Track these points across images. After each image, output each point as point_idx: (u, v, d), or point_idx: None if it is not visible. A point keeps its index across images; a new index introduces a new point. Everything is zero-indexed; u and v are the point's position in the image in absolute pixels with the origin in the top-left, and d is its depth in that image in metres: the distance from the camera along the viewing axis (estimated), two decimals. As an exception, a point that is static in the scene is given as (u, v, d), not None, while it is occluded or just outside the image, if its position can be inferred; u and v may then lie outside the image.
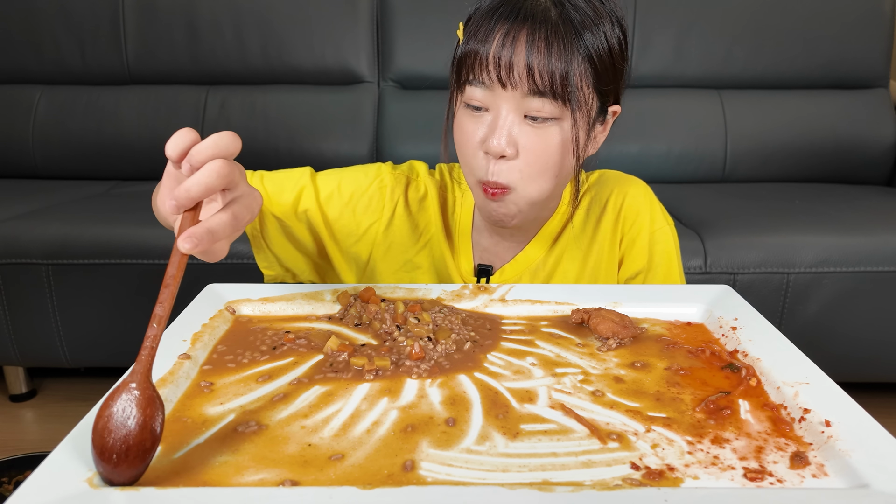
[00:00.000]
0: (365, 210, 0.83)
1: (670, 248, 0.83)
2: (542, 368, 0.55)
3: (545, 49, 0.64)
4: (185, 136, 0.47)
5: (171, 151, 0.46)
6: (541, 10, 0.65)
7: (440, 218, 0.85)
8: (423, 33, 1.90)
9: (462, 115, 0.71)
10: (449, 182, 0.87)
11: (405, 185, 0.85)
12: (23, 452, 1.03)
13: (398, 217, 0.83)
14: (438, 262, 0.84)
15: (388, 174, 0.84)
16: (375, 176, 0.84)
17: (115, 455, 0.39)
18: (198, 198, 0.45)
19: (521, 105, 0.67)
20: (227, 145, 0.46)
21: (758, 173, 1.92)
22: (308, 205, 0.80)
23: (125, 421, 0.40)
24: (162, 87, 1.96)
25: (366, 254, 0.84)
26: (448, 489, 0.39)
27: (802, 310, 1.40)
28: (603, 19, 0.67)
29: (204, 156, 0.46)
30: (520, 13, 0.65)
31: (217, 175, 0.45)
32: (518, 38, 0.65)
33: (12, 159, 1.95)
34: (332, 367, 0.55)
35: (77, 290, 1.43)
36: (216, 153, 0.46)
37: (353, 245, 0.83)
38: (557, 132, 0.68)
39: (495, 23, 0.66)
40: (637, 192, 0.84)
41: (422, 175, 0.86)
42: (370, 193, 0.83)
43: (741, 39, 1.90)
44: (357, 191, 0.82)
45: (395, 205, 0.83)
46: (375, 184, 0.83)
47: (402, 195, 0.84)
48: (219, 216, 0.46)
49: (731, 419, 0.48)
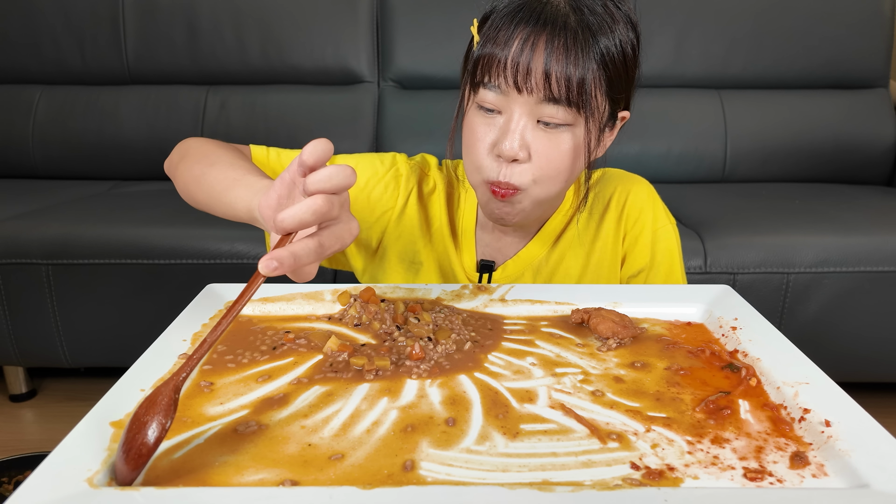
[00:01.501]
0: (380, 197, 0.83)
1: (672, 247, 0.83)
2: (542, 368, 0.55)
3: (563, 56, 0.64)
4: (324, 148, 0.47)
5: (309, 158, 0.47)
6: (560, 15, 0.65)
7: (445, 213, 0.85)
8: (423, 33, 1.90)
9: (473, 116, 0.71)
10: (454, 179, 0.87)
11: (419, 177, 0.85)
12: (23, 452, 1.03)
13: (410, 206, 0.84)
14: (442, 256, 0.85)
15: (403, 163, 0.85)
16: (392, 164, 0.84)
17: (138, 458, 0.40)
18: (290, 230, 0.47)
19: (535, 110, 0.67)
20: (340, 181, 0.47)
21: (758, 173, 1.92)
22: None
23: (156, 430, 0.41)
24: (162, 87, 1.96)
25: (376, 240, 0.84)
26: (448, 489, 0.39)
27: (802, 310, 1.40)
28: (618, 24, 0.67)
29: (315, 188, 0.47)
30: (539, 18, 0.65)
31: (313, 213, 0.46)
32: (537, 44, 0.64)
33: (12, 159, 1.95)
34: (331, 367, 0.55)
35: (77, 290, 1.43)
36: (326, 187, 0.47)
37: (366, 231, 0.84)
38: (569, 138, 0.68)
39: (515, 27, 0.65)
40: (640, 190, 0.84)
41: (433, 169, 0.87)
42: (386, 181, 0.83)
43: (741, 39, 1.90)
44: (373, 177, 0.83)
45: (409, 194, 0.84)
46: (392, 172, 0.83)
47: (416, 186, 0.84)
48: (305, 242, 0.47)
49: (731, 419, 0.48)
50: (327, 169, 0.47)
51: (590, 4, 0.66)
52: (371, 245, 0.85)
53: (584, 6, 0.66)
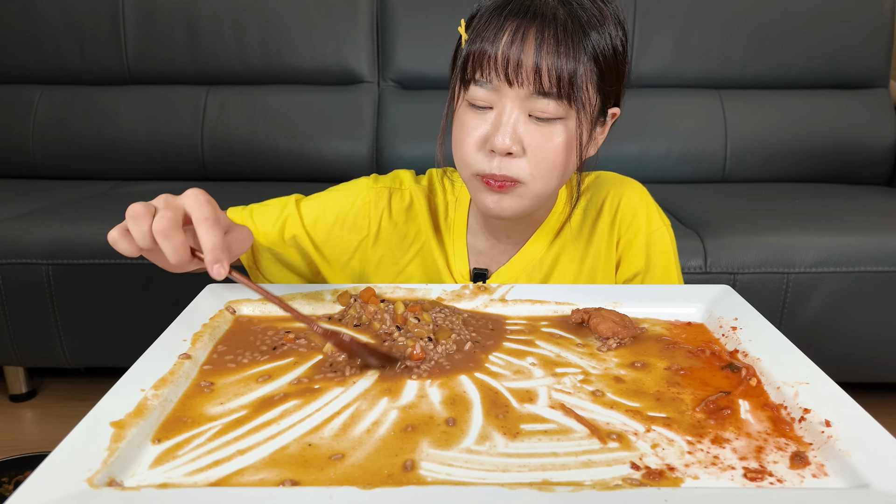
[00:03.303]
0: (352, 229, 0.84)
1: (668, 249, 0.83)
2: (542, 368, 0.55)
3: (554, 48, 0.64)
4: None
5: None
6: (549, 8, 0.65)
7: (430, 224, 0.84)
8: (423, 33, 1.90)
9: (464, 112, 0.71)
10: (439, 186, 0.87)
11: (388, 198, 0.85)
12: (23, 452, 1.03)
13: (384, 230, 0.84)
14: (431, 269, 0.84)
15: (369, 189, 0.85)
16: (357, 194, 0.84)
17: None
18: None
19: (527, 104, 0.67)
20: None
21: (758, 173, 1.92)
22: (295, 231, 0.82)
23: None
24: (162, 87, 1.96)
25: (359, 268, 0.85)
26: (448, 489, 0.39)
27: (802, 310, 1.40)
28: (607, 20, 0.67)
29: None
30: (528, 11, 0.65)
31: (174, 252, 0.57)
32: (527, 37, 0.64)
33: (12, 159, 1.94)
34: (331, 367, 0.55)
35: (77, 290, 1.43)
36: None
37: (346, 263, 0.85)
38: (562, 131, 0.68)
39: (504, 20, 0.66)
40: (633, 194, 0.84)
41: (406, 183, 0.86)
42: (355, 211, 0.84)
43: (741, 39, 1.90)
44: (342, 212, 0.83)
45: (380, 218, 0.84)
46: (359, 202, 0.84)
47: (385, 208, 0.84)
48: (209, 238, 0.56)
49: (731, 419, 0.48)
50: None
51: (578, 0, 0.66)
52: (356, 272, 0.86)
53: (573, 0, 0.66)
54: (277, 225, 0.82)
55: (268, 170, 1.91)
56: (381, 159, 1.90)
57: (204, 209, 0.57)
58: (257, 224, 0.82)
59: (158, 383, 0.50)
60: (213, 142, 1.91)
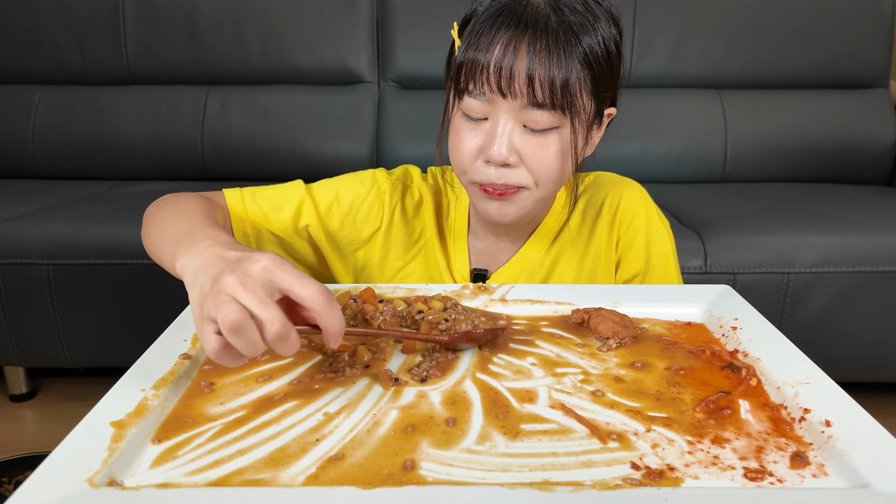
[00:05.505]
0: (365, 219, 0.83)
1: (667, 250, 0.83)
2: (542, 368, 0.55)
3: (546, 59, 0.64)
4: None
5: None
6: (542, 17, 0.64)
7: (435, 223, 0.84)
8: (423, 33, 1.90)
9: (459, 123, 0.71)
10: (442, 185, 0.87)
11: (402, 192, 0.84)
12: (23, 452, 1.03)
13: (395, 224, 0.84)
14: (432, 268, 0.84)
15: (384, 180, 0.84)
16: (372, 183, 0.83)
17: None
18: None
19: (521, 115, 0.67)
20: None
21: (758, 173, 1.92)
22: (309, 220, 0.80)
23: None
24: (162, 87, 1.95)
25: (364, 259, 0.85)
26: (448, 489, 0.39)
27: (802, 310, 1.40)
28: (600, 21, 0.66)
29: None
30: (521, 21, 0.64)
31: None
32: (519, 48, 0.64)
33: (12, 159, 1.94)
34: (331, 367, 0.55)
35: (77, 290, 1.43)
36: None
37: (353, 252, 0.84)
38: (557, 139, 0.68)
39: (496, 31, 0.65)
40: (632, 195, 0.84)
41: (416, 180, 0.86)
42: (370, 201, 0.83)
43: (741, 39, 1.90)
44: (356, 199, 0.83)
45: (393, 211, 0.83)
46: (374, 191, 0.83)
47: (399, 201, 0.84)
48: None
49: (731, 419, 0.48)
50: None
51: (570, 3, 0.65)
52: (358, 264, 0.85)
53: (565, 6, 0.65)
54: (291, 212, 0.80)
55: (268, 170, 1.91)
56: (381, 159, 1.90)
57: (322, 297, 0.47)
58: (265, 210, 0.79)
59: (158, 383, 0.50)
60: (214, 142, 1.91)
